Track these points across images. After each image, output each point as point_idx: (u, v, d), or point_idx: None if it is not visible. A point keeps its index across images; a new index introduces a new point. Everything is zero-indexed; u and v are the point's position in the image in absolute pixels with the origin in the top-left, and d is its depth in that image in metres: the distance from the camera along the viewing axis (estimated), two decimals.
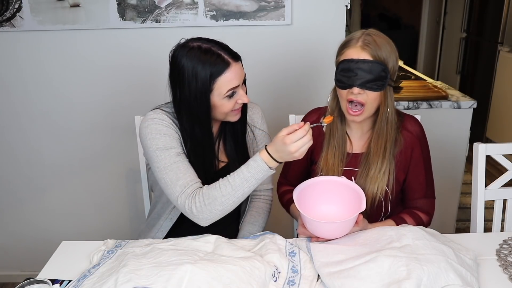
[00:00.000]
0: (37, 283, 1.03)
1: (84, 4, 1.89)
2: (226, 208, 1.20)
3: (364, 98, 1.25)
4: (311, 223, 1.20)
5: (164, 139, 1.26)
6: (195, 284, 1.01)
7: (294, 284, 1.08)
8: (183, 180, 1.22)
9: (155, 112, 1.31)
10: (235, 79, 1.24)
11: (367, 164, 1.34)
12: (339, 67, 1.27)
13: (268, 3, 1.89)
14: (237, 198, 1.19)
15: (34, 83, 2.03)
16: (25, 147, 2.12)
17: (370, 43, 1.23)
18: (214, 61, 1.21)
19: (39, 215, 2.24)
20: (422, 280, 1.01)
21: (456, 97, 2.22)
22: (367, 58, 1.22)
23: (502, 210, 1.45)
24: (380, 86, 1.23)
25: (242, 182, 1.18)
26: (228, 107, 1.27)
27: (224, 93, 1.24)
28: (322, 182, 1.32)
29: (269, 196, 1.53)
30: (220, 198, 1.18)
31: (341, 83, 1.27)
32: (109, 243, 1.27)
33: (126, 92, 2.03)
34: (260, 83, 2.03)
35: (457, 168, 2.21)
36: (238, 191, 1.18)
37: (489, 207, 1.42)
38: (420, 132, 1.38)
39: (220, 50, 1.23)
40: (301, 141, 1.12)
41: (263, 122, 1.49)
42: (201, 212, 1.20)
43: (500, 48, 3.71)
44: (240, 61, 1.27)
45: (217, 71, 1.22)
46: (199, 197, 1.19)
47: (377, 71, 1.22)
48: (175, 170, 1.24)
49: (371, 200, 1.33)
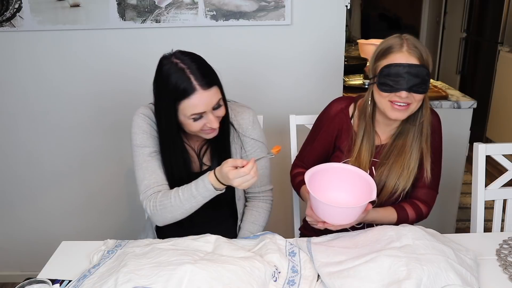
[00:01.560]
0: (37, 283, 1.03)
1: (84, 4, 1.89)
2: (175, 216, 1.28)
3: (410, 99, 1.28)
4: (320, 205, 1.19)
5: (141, 136, 1.34)
6: (195, 284, 1.01)
7: (294, 284, 1.08)
8: (147, 181, 1.31)
9: (145, 107, 1.38)
10: (200, 105, 1.23)
11: (392, 157, 1.37)
12: (383, 71, 1.28)
13: (268, 3, 1.89)
14: (185, 210, 1.26)
15: (33, 83, 2.03)
16: (25, 147, 2.12)
17: (416, 47, 1.27)
18: (182, 83, 1.21)
19: (39, 215, 2.24)
20: (422, 280, 1.01)
21: (456, 97, 2.22)
22: (415, 62, 1.26)
23: (502, 210, 1.45)
24: (424, 89, 1.27)
25: (190, 198, 1.24)
26: (195, 127, 1.27)
27: (188, 116, 1.25)
28: (335, 169, 1.31)
29: (269, 196, 1.53)
30: (169, 207, 1.26)
31: (388, 86, 1.27)
32: (109, 243, 1.27)
33: (126, 92, 2.03)
34: (260, 83, 2.03)
35: (457, 168, 2.21)
36: (185, 204, 1.25)
37: (489, 207, 1.42)
38: (437, 123, 1.42)
39: (192, 74, 1.22)
40: (243, 178, 1.15)
41: (254, 127, 1.43)
42: (154, 215, 1.29)
43: (500, 48, 3.71)
44: (214, 87, 1.25)
45: (182, 94, 1.22)
46: (154, 202, 1.28)
47: (423, 74, 1.26)
48: (144, 169, 1.32)
49: (390, 192, 1.37)
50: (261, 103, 2.03)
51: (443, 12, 4.93)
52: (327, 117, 1.47)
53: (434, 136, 1.40)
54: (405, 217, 1.37)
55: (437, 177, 1.43)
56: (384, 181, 1.37)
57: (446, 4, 4.88)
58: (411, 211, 1.38)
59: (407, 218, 1.37)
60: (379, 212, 1.35)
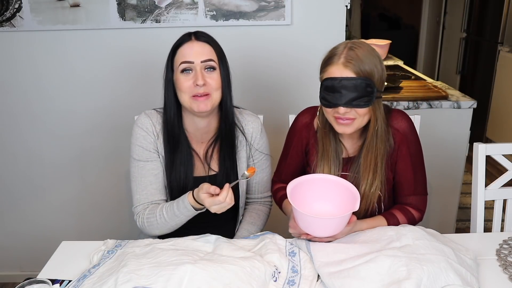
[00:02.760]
0: (37, 283, 1.03)
1: (84, 4, 1.89)
2: (163, 231, 1.34)
3: (353, 114, 1.23)
4: (302, 217, 1.17)
5: (137, 149, 1.37)
6: (195, 284, 1.01)
7: (294, 284, 1.08)
8: (138, 196, 1.37)
9: (146, 114, 1.39)
10: (190, 54, 1.29)
11: (362, 169, 1.31)
12: (323, 85, 1.23)
13: (268, 3, 1.89)
14: (171, 226, 1.32)
15: (33, 83, 2.03)
16: (25, 147, 2.12)
17: (352, 59, 1.18)
18: (182, 37, 1.32)
19: (39, 215, 2.24)
20: (422, 280, 1.01)
21: (456, 97, 2.22)
22: (350, 75, 1.18)
23: (502, 210, 1.45)
24: (367, 102, 1.20)
25: (173, 216, 1.30)
26: (185, 85, 1.29)
27: (178, 66, 1.29)
28: (317, 180, 1.29)
29: (268, 201, 1.55)
30: (155, 225, 1.33)
31: (326, 101, 1.23)
32: (109, 243, 1.27)
33: (126, 92, 2.03)
34: (260, 83, 2.03)
35: (457, 168, 2.21)
36: (170, 223, 1.31)
37: (489, 207, 1.42)
38: (407, 128, 1.33)
39: (193, 32, 1.33)
40: (220, 206, 1.19)
41: (262, 137, 1.46)
42: (143, 230, 1.37)
43: (500, 48, 3.71)
44: (208, 45, 1.31)
45: (178, 44, 1.32)
46: (142, 218, 1.35)
47: (362, 87, 1.18)
48: (137, 183, 1.37)
49: (364, 208, 1.33)
50: (261, 103, 2.03)
51: (443, 12, 4.93)
52: (294, 132, 1.43)
53: (408, 142, 1.33)
54: (395, 224, 1.32)
55: (422, 180, 1.38)
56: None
57: (446, 4, 4.88)
58: (401, 217, 1.34)
59: (398, 224, 1.33)
60: (368, 222, 1.30)
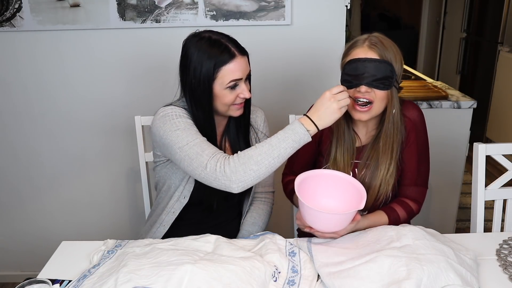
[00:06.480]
0: (37, 283, 1.03)
1: (84, 4, 1.89)
2: (261, 169, 1.16)
3: (372, 96, 1.27)
4: (307, 210, 1.19)
5: (184, 121, 1.28)
6: (195, 284, 1.01)
7: (294, 284, 1.08)
8: (209, 150, 1.22)
9: (170, 107, 1.32)
10: (238, 71, 1.27)
11: (375, 160, 1.35)
12: (345, 68, 1.28)
13: (268, 3, 1.89)
14: (273, 159, 1.16)
15: (33, 83, 2.03)
16: (24, 146, 2.12)
17: (377, 43, 1.26)
18: (221, 51, 1.26)
19: (39, 215, 2.24)
20: (422, 280, 1.01)
21: (456, 97, 2.22)
22: (374, 57, 1.24)
23: (502, 210, 1.45)
24: (387, 85, 1.25)
25: (279, 141, 1.17)
26: (229, 98, 1.29)
27: (226, 83, 1.27)
28: (325, 176, 1.31)
29: (270, 199, 1.55)
30: (256, 156, 1.16)
31: (349, 82, 1.27)
32: (109, 243, 1.27)
33: (126, 92, 2.03)
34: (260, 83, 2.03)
35: (457, 168, 2.21)
36: (274, 150, 1.16)
37: (489, 207, 1.42)
38: (418, 117, 1.38)
39: (228, 43, 1.28)
40: (344, 101, 1.18)
41: (265, 125, 1.52)
42: (235, 172, 1.16)
43: (500, 48, 3.71)
44: (246, 56, 1.31)
45: (222, 60, 1.26)
46: (233, 158, 1.18)
47: (384, 70, 1.24)
48: (199, 144, 1.23)
49: (376, 194, 1.36)
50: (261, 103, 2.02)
51: (443, 12, 4.93)
52: None
53: (417, 131, 1.38)
54: (396, 218, 1.36)
55: (425, 172, 1.42)
56: (368, 183, 1.36)
57: (446, 4, 4.88)
58: (401, 211, 1.37)
59: (399, 218, 1.36)
60: (370, 219, 1.33)
